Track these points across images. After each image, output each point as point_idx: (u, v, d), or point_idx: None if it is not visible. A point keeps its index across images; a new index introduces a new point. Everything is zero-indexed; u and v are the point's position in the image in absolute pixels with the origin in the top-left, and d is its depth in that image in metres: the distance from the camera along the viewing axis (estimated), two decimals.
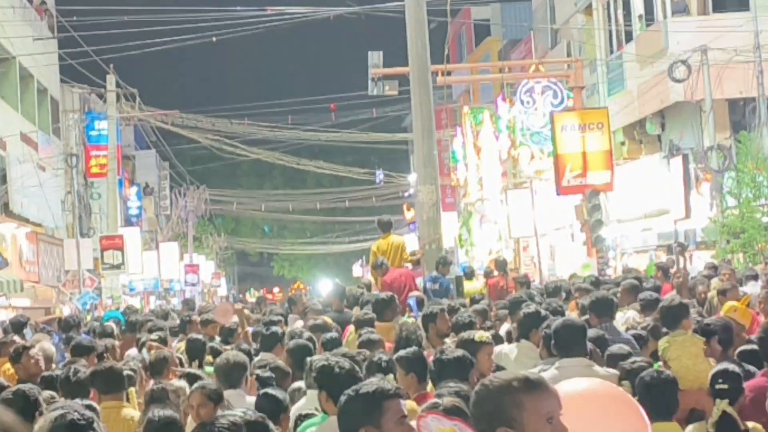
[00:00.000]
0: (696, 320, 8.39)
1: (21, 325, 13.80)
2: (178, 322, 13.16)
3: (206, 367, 9.05)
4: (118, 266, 34.60)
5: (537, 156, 28.42)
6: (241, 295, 53.42)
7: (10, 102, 30.57)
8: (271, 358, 8.52)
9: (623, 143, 29.03)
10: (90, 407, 5.54)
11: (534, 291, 13.60)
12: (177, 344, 10.98)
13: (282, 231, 79.87)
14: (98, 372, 7.33)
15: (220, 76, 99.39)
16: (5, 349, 10.12)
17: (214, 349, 9.63)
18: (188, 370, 7.83)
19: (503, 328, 10.60)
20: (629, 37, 28.55)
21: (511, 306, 10.21)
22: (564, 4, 33.77)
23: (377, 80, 24.92)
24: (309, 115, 52.25)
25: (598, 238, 23.52)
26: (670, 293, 12.76)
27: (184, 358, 9.27)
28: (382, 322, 9.77)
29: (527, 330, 8.07)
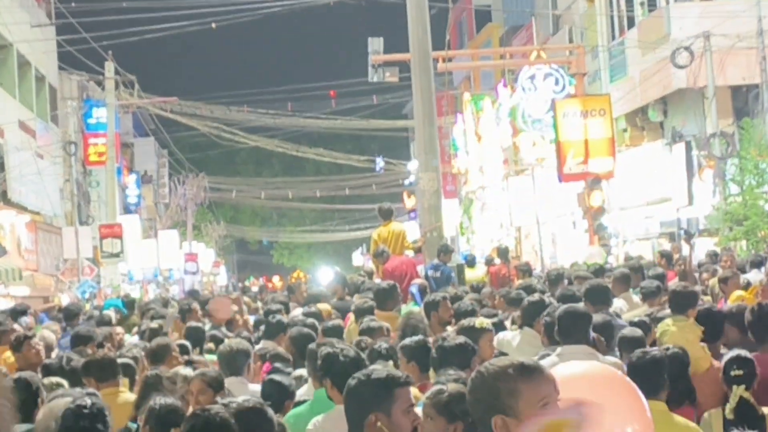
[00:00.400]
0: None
1: (19, 313, 13.84)
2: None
3: (206, 355, 9.09)
4: (117, 254, 34.61)
5: (538, 143, 28.41)
6: (241, 284, 53.32)
7: (8, 89, 30.54)
8: (271, 346, 8.55)
9: (625, 130, 29.01)
10: (93, 395, 5.57)
11: (534, 279, 13.64)
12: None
13: (281, 219, 79.86)
14: (92, 362, 7.41)
15: (219, 63, 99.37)
16: (5, 338, 10.14)
17: (215, 337, 9.65)
18: (191, 357, 7.86)
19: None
20: (631, 22, 28.50)
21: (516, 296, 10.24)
22: None
23: (378, 67, 24.93)
24: (309, 102, 52.28)
25: (600, 226, 23.57)
26: (673, 280, 12.79)
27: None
28: (383, 311, 9.78)
29: (531, 318, 8.09)
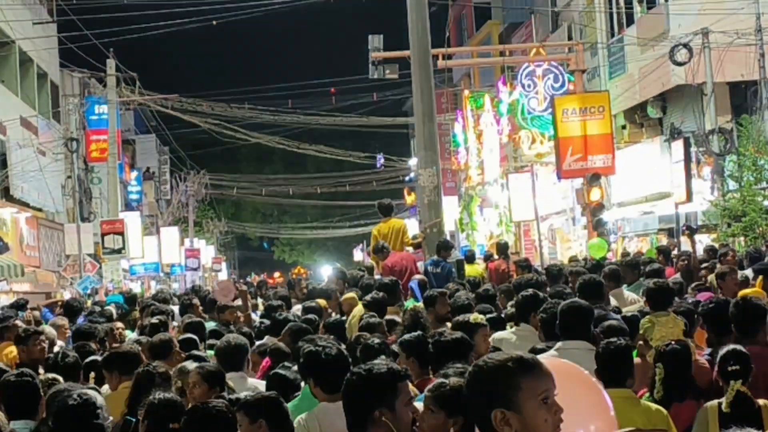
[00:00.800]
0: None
1: (19, 308, 13.89)
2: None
3: (208, 351, 9.11)
4: (118, 251, 34.65)
5: (538, 140, 28.42)
6: (241, 280, 53.35)
7: (10, 86, 30.56)
8: (271, 342, 8.58)
9: (624, 127, 29.03)
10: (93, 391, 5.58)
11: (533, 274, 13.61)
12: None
13: (282, 216, 79.86)
14: (115, 355, 7.38)
15: (220, 60, 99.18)
16: (9, 333, 10.17)
17: (215, 331, 9.67)
18: (194, 353, 7.88)
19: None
20: (630, 20, 28.51)
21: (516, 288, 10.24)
22: None
23: (378, 64, 24.90)
24: (309, 99, 52.19)
25: (599, 222, 23.56)
26: (673, 276, 12.79)
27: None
28: None
29: (526, 313, 8.09)
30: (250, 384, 6.98)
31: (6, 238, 26.63)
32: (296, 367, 7.41)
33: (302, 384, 6.44)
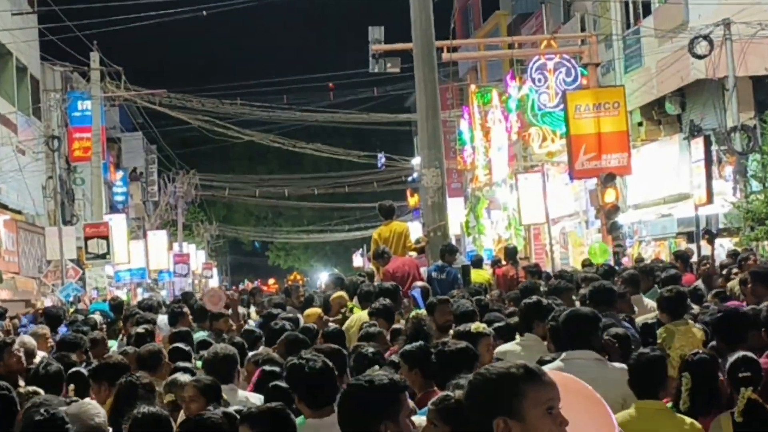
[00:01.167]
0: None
1: None
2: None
3: (197, 362, 9.12)
4: (103, 256, 34.65)
5: (549, 137, 28.45)
6: (234, 287, 53.35)
7: None
8: (265, 352, 8.60)
9: (641, 124, 29.03)
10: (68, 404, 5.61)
11: (541, 282, 13.64)
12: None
13: (277, 218, 79.92)
14: (105, 366, 7.45)
15: (211, 53, 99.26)
16: None
17: (205, 341, 9.68)
18: (179, 365, 7.89)
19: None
20: (647, 10, 28.51)
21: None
22: None
23: (378, 57, 24.95)
24: (306, 95, 52.27)
25: (613, 225, 23.57)
26: (694, 283, 12.81)
27: None
28: None
29: (529, 322, 8.10)
30: (241, 396, 6.98)
31: None
32: None
33: None
